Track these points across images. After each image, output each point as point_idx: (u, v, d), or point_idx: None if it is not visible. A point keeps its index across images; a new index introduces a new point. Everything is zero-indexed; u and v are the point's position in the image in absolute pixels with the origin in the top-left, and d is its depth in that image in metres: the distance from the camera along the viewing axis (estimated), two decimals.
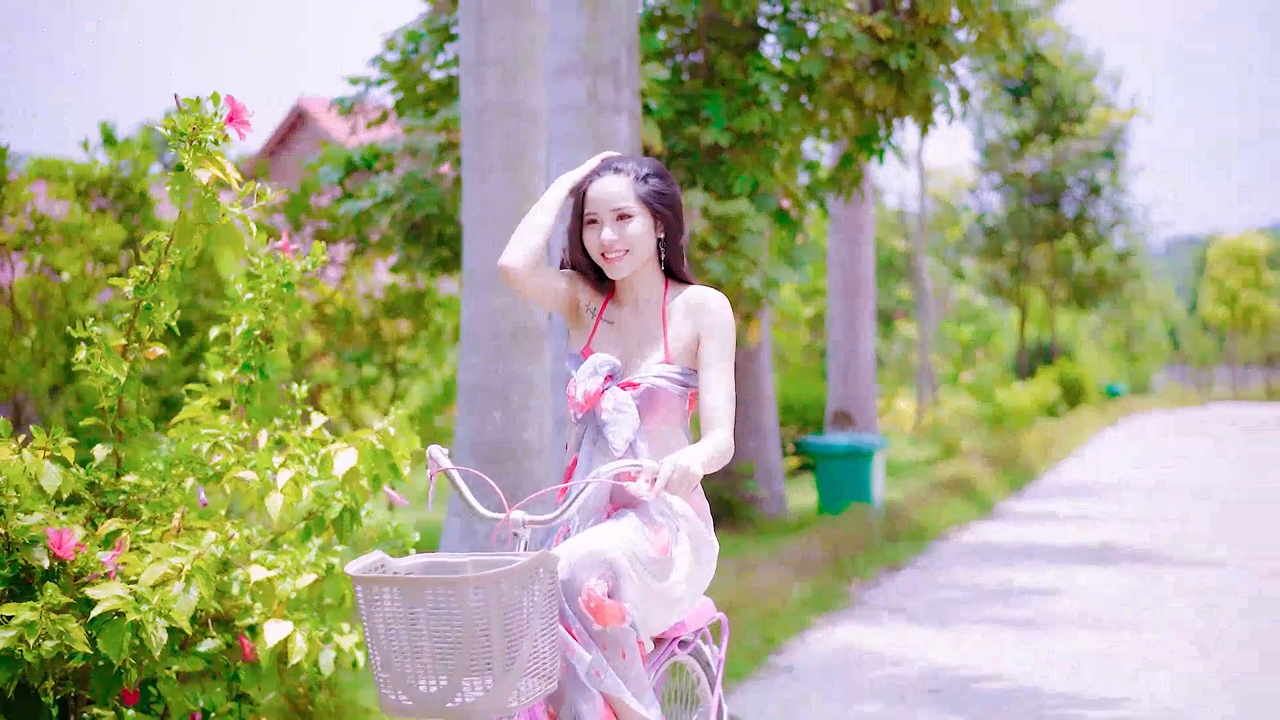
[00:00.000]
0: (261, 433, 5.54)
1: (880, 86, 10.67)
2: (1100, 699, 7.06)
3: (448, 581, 3.25)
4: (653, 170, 3.97)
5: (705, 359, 3.89)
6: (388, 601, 3.33)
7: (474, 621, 3.26)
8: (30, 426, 5.02)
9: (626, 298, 4.02)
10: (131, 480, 5.07)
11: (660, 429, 3.91)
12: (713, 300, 3.94)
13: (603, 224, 3.91)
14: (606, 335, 4.02)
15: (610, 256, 3.90)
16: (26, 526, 4.67)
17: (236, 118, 4.97)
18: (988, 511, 15.32)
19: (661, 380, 3.89)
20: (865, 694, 7.23)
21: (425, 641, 3.32)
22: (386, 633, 3.35)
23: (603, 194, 3.92)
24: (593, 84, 8.77)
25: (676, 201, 3.97)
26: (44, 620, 4.39)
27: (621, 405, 3.87)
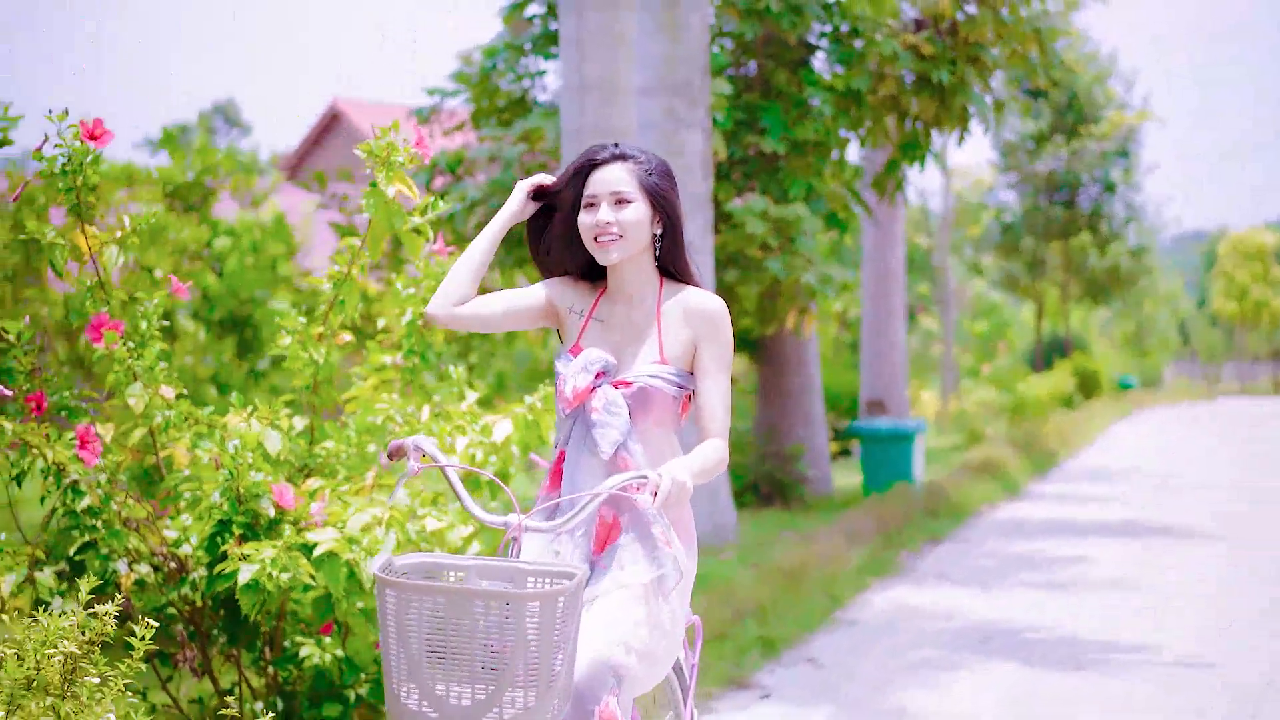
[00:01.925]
0: (424, 408, 6.51)
1: (923, 99, 11.66)
2: (1131, 645, 8.05)
3: (506, 595, 3.15)
4: (657, 165, 3.88)
5: (704, 367, 3.80)
6: (427, 609, 3.19)
7: (528, 635, 3.16)
8: (235, 397, 6.04)
9: (619, 295, 3.91)
10: (329, 446, 6.05)
11: (653, 430, 3.80)
12: (714, 307, 3.83)
13: (599, 206, 3.79)
14: (597, 333, 3.90)
15: (603, 240, 3.78)
16: (256, 482, 5.67)
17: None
18: (1016, 492, 16.33)
19: (656, 380, 3.77)
20: (922, 643, 8.21)
21: (469, 653, 3.20)
22: (420, 641, 3.21)
23: (605, 177, 3.80)
24: (670, 102, 9.77)
25: (676, 200, 3.88)
26: (281, 557, 5.38)
27: (613, 405, 3.75)
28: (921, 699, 6.90)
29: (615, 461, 3.75)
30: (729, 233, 11.61)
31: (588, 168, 3.85)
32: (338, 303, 6.07)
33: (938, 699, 6.91)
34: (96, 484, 5.70)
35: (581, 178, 3.85)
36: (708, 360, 3.80)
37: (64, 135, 5.77)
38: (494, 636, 3.18)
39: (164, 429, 5.88)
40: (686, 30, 9.79)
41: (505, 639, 3.18)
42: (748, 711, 6.76)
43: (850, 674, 7.46)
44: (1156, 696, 6.94)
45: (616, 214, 3.77)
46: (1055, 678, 7.33)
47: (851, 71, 11.76)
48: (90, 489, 5.70)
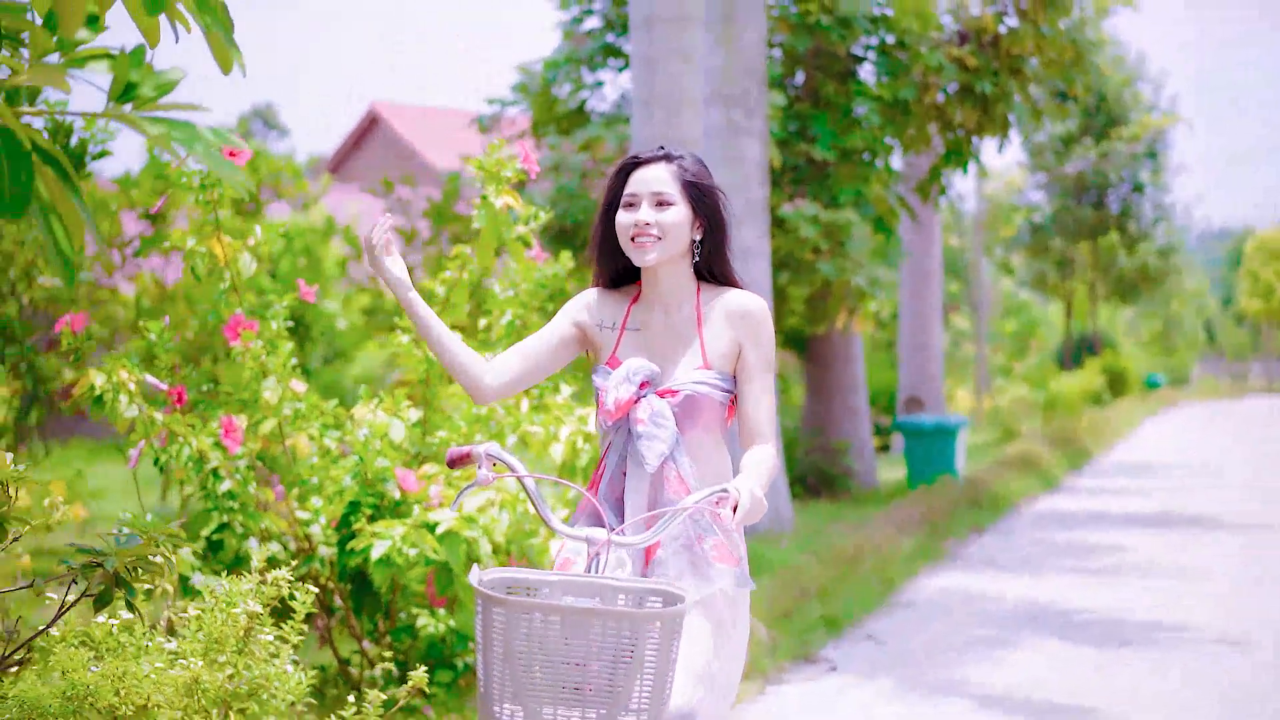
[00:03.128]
0: (523, 400, 7.10)
1: (966, 109, 12.22)
2: (1168, 624, 8.60)
3: (627, 614, 3.02)
4: (700, 168, 3.74)
5: (749, 370, 3.67)
6: (539, 628, 3.05)
7: (646, 658, 3.05)
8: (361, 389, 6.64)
9: (656, 301, 3.75)
10: (442, 435, 6.64)
11: (702, 439, 3.65)
12: (756, 308, 3.71)
13: (640, 206, 3.66)
14: (634, 343, 3.74)
15: (640, 240, 3.63)
16: (382, 468, 6.27)
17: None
18: (1053, 485, 16.89)
19: (702, 386, 3.62)
20: (974, 622, 8.77)
21: (579, 675, 3.06)
22: (529, 661, 3.07)
23: (647, 176, 3.68)
24: (728, 113, 10.34)
25: (719, 203, 3.72)
26: (410, 534, 5.97)
27: (659, 417, 3.59)
28: (974, 672, 7.46)
29: (661, 473, 3.60)
30: (781, 237, 12.19)
31: (630, 166, 3.73)
32: (449, 305, 6.67)
33: (989, 672, 7.46)
34: (235, 470, 6.31)
35: (623, 176, 3.73)
36: (753, 362, 3.67)
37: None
38: (608, 658, 3.04)
39: (293, 420, 6.48)
40: (743, 44, 10.36)
41: (620, 661, 3.03)
42: (817, 683, 7.31)
43: (908, 650, 8.02)
44: (1193, 671, 7.49)
45: (657, 215, 3.63)
46: (1098, 653, 7.88)
47: (898, 82, 12.32)
48: (230, 474, 6.31)
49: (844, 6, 12.11)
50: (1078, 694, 6.98)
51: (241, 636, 4.66)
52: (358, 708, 4.90)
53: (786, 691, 7.10)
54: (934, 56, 11.98)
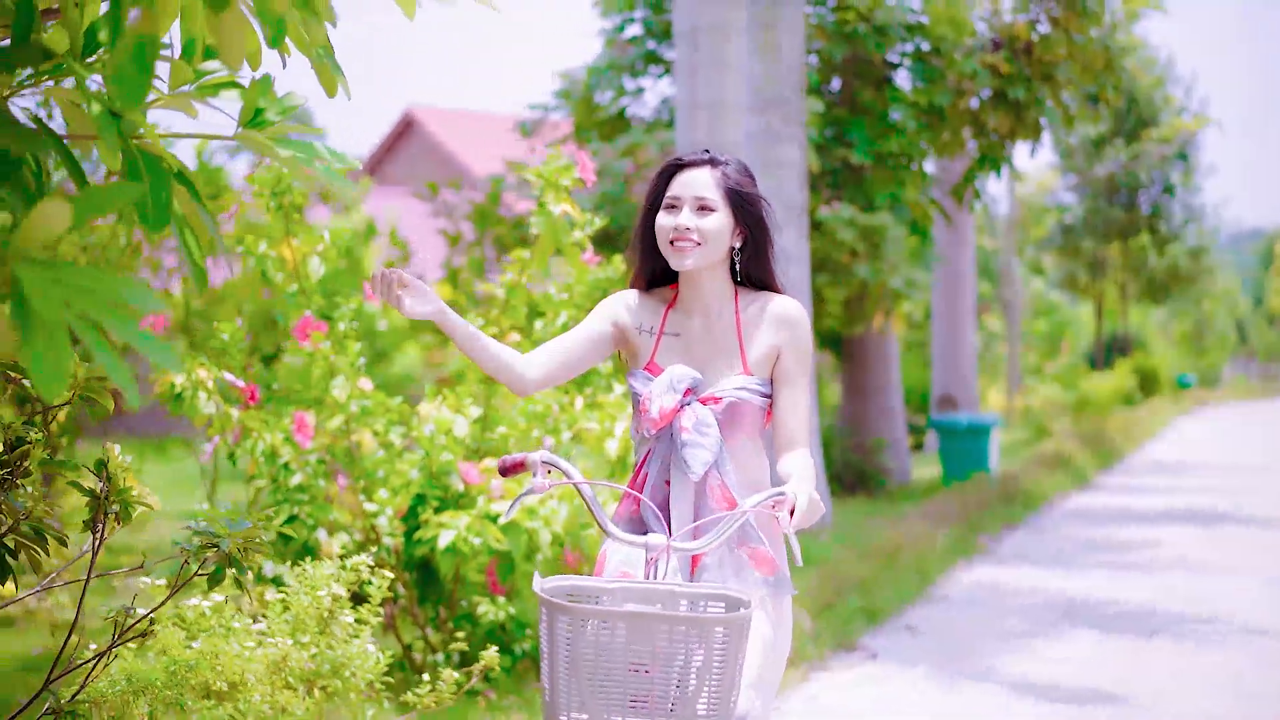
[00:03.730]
0: (578, 398, 7.41)
1: (1000, 114, 12.49)
2: (1200, 616, 8.87)
3: (692, 619, 2.99)
4: (745, 175, 3.70)
5: (787, 374, 3.65)
6: (605, 634, 3.02)
7: (714, 664, 3.01)
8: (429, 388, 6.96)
9: (694, 307, 3.71)
10: (502, 431, 6.95)
11: (744, 445, 3.64)
12: (796, 311, 3.69)
13: (681, 209, 3.62)
14: (672, 349, 3.70)
15: (680, 245, 3.59)
16: (446, 462, 6.59)
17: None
18: (1085, 483, 17.15)
19: (744, 393, 3.61)
20: (1010, 613, 9.05)
21: (647, 681, 3.03)
22: (595, 668, 3.03)
23: (691, 180, 3.63)
24: (768, 119, 10.63)
25: (761, 212, 3.67)
26: (475, 524, 6.29)
27: (703, 425, 3.56)
28: (1009, 661, 7.73)
29: (705, 481, 3.57)
30: (818, 239, 12.48)
31: (674, 168, 3.69)
32: (509, 307, 6.99)
33: (1023, 661, 7.74)
34: (306, 464, 6.64)
35: (666, 178, 3.69)
36: (791, 367, 3.66)
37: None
38: (675, 665, 3.02)
39: (359, 417, 6.81)
40: (782, 53, 10.65)
41: (689, 667, 3.01)
42: (857, 670, 7.60)
43: (945, 639, 8.31)
44: (1222, 660, 7.76)
45: (697, 220, 3.59)
46: (1131, 643, 8.16)
47: (933, 88, 12.60)
48: (300, 468, 6.64)
49: (881, 15, 12.39)
50: (1110, 682, 7.25)
51: (325, 618, 4.98)
52: (432, 686, 5.22)
53: (829, 678, 7.39)
54: (968, 63, 12.27)
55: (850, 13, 12.45)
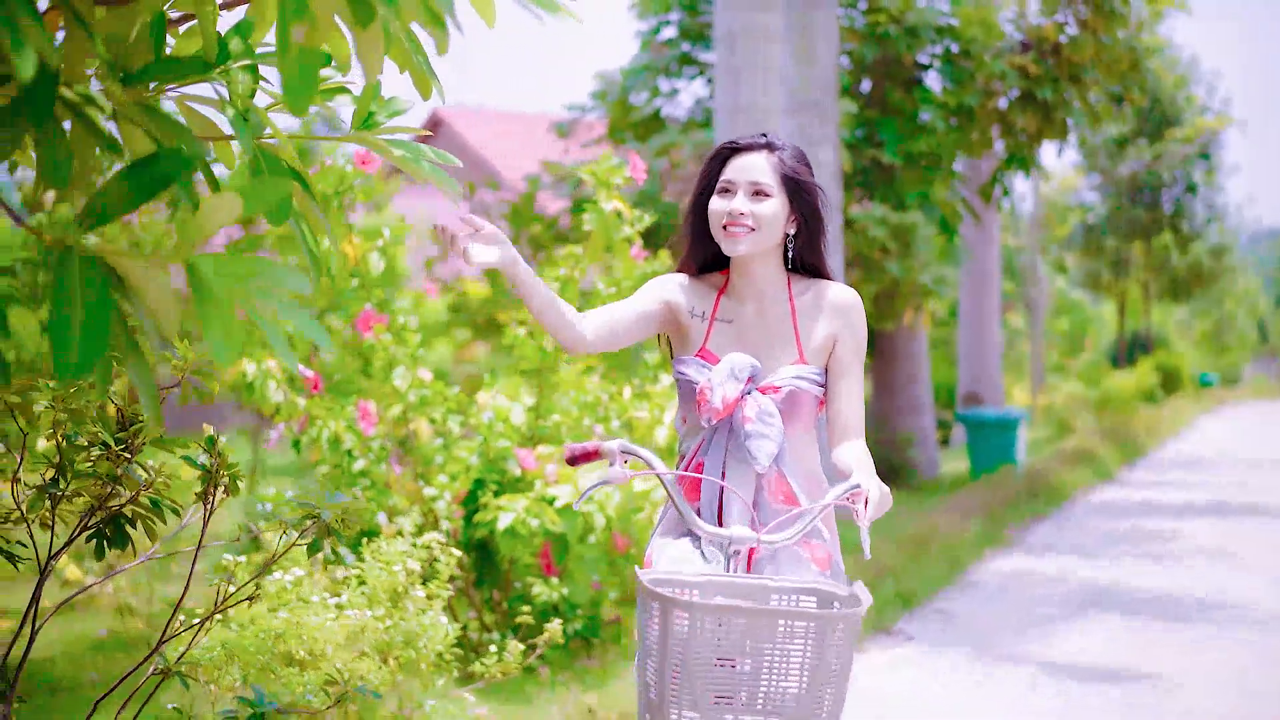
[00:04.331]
0: (625, 388, 7.71)
1: (1028, 115, 12.77)
2: (1225, 603, 9.14)
3: (814, 615, 2.91)
4: (801, 162, 3.61)
5: (843, 363, 3.60)
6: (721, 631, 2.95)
7: (832, 662, 2.94)
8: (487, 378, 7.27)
9: (747, 293, 3.64)
10: (555, 419, 7.26)
11: (801, 435, 3.57)
12: (852, 299, 3.64)
13: (735, 194, 3.55)
14: (725, 335, 3.63)
15: (733, 230, 3.52)
16: (503, 448, 6.89)
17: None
18: (1109, 477, 17.41)
19: (802, 382, 3.55)
20: (1037, 600, 9.33)
21: (763, 681, 2.96)
22: (709, 667, 2.96)
23: (746, 164, 3.56)
24: (803, 120, 10.92)
25: (816, 200, 3.59)
26: (533, 507, 6.59)
27: (767, 414, 3.48)
28: (1038, 644, 8.02)
29: (763, 473, 3.52)
30: (850, 237, 12.78)
31: (729, 152, 3.62)
32: None
33: (1052, 644, 8.02)
34: (368, 450, 6.96)
35: (720, 161, 3.63)
36: (848, 356, 3.60)
37: (337, 161, 7.07)
38: (795, 661, 2.94)
39: (418, 406, 7.12)
40: (817, 56, 10.95)
41: (806, 665, 2.93)
42: (893, 653, 7.89)
43: (976, 624, 8.59)
44: (1245, 644, 8.03)
45: (752, 205, 3.52)
46: (1157, 628, 8.43)
47: (962, 89, 12.89)
48: (363, 454, 6.95)
49: (911, 17, 12.68)
50: (1136, 664, 7.53)
51: (400, 592, 5.29)
52: (499, 656, 5.52)
53: (866, 660, 7.67)
54: (997, 65, 12.55)
55: (882, 15, 12.74)
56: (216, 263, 2.25)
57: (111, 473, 3.84)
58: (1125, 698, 6.85)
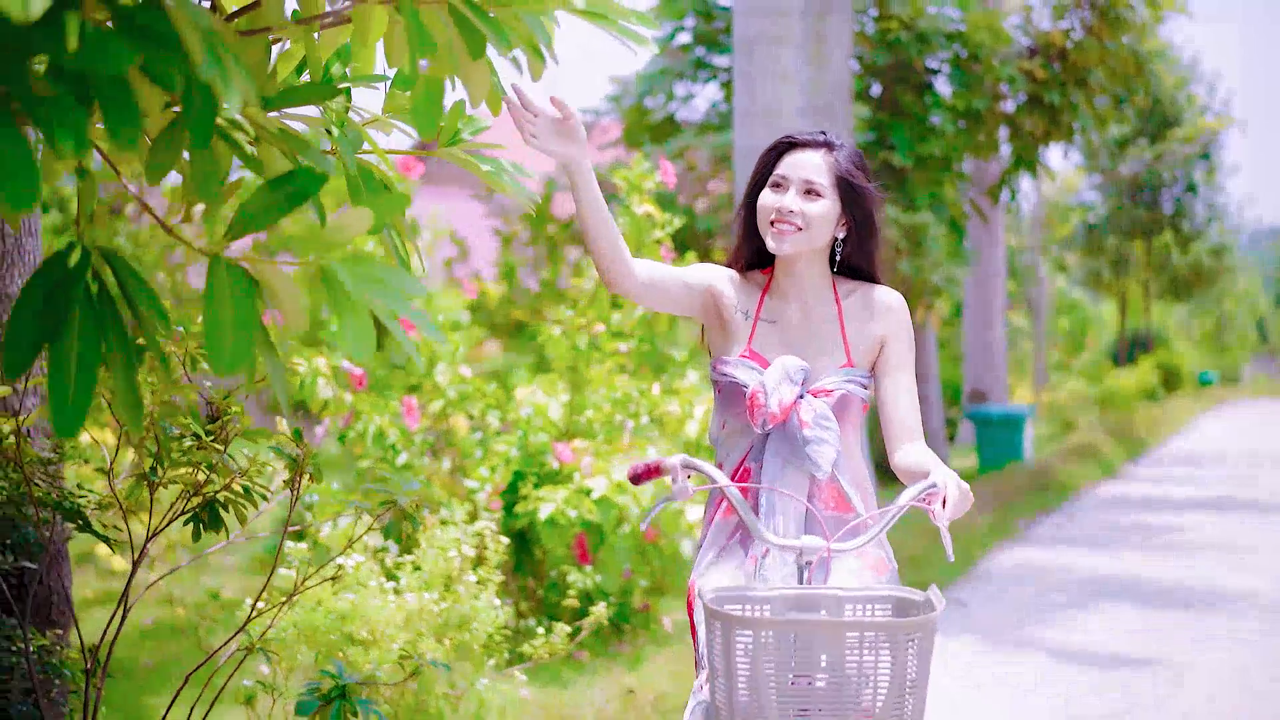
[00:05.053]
0: (654, 384, 8.01)
1: (1036, 118, 13.10)
2: (1230, 593, 9.46)
3: (885, 625, 2.85)
4: (858, 165, 3.51)
5: (894, 363, 3.51)
6: (788, 645, 2.88)
7: (909, 672, 2.88)
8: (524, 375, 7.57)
9: (792, 293, 3.54)
10: (589, 415, 7.57)
11: (850, 439, 3.48)
12: (898, 300, 3.56)
13: (787, 190, 3.44)
14: (770, 336, 3.53)
15: (780, 227, 3.42)
16: (541, 442, 7.20)
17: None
18: (1113, 473, 17.75)
19: (852, 385, 3.46)
20: (1050, 589, 9.64)
21: (837, 695, 2.89)
22: (780, 682, 2.88)
23: (801, 160, 3.45)
24: (817, 124, 11.22)
25: (870, 205, 3.49)
26: (572, 498, 6.90)
27: (824, 418, 3.37)
28: (1050, 631, 8.33)
29: (814, 479, 3.43)
30: None
31: (785, 147, 3.51)
32: (595, 299, 7.62)
33: (1063, 631, 8.33)
34: (411, 444, 7.26)
35: (776, 155, 3.52)
36: (898, 357, 3.53)
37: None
38: (871, 673, 2.86)
39: (458, 402, 7.43)
40: (831, 62, 11.24)
41: (884, 675, 2.86)
42: None
43: (990, 612, 8.90)
44: (1249, 630, 8.35)
45: (802, 204, 3.42)
46: (1165, 615, 8.75)
47: (971, 93, 13.21)
48: (406, 448, 7.26)
49: (922, 23, 13.00)
50: (1144, 650, 7.85)
51: (453, 577, 5.60)
52: (546, 638, 5.82)
53: None
54: (1005, 69, 12.87)
55: (893, 22, 13.06)
56: (349, 268, 2.53)
57: (208, 461, 4.15)
58: (1135, 683, 7.16)
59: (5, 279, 4.83)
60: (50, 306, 2.14)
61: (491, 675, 5.72)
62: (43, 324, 2.12)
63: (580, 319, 7.57)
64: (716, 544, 3.52)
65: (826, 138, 3.52)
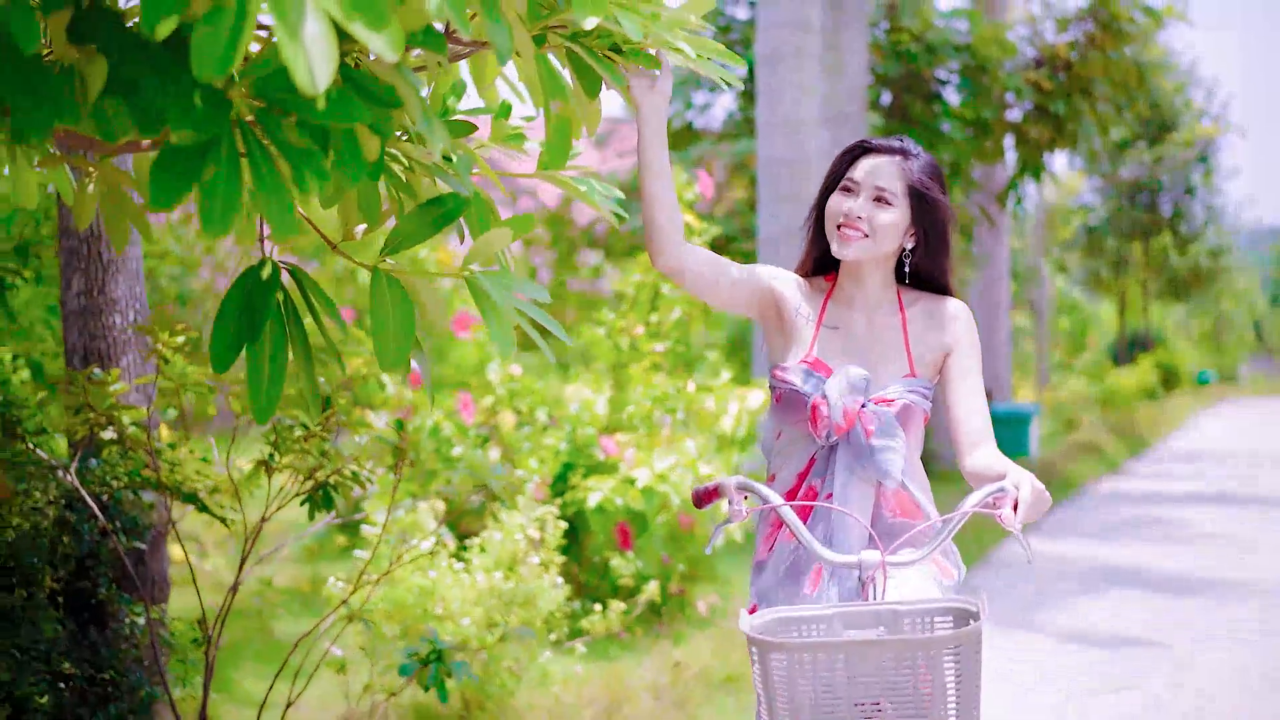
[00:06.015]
0: (689, 382, 8.52)
1: (1042, 126, 13.63)
2: (1232, 581, 9.97)
3: (921, 642, 2.77)
4: (932, 176, 3.45)
5: (961, 370, 3.45)
6: (824, 668, 2.80)
7: (948, 687, 2.82)
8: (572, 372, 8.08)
9: (856, 299, 3.49)
10: (630, 410, 8.07)
11: (912, 450, 3.43)
12: (962, 309, 3.50)
13: (857, 196, 3.39)
14: (832, 342, 3.47)
15: (847, 232, 3.37)
16: (588, 435, 7.70)
17: None
18: (1115, 469, 18.28)
19: (914, 395, 3.38)
20: (1059, 578, 10.15)
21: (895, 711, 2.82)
22: (818, 707, 2.82)
23: (874, 166, 3.40)
24: (835, 133, 11.73)
25: (941, 218, 3.44)
26: (619, 487, 7.40)
27: (890, 427, 3.31)
28: (1059, 615, 8.84)
29: (881, 489, 3.39)
30: None
31: (860, 150, 3.47)
32: (636, 302, 8.13)
33: (1071, 615, 8.84)
34: (465, 437, 7.77)
35: (850, 159, 3.48)
36: (965, 363, 3.46)
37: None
38: (908, 693, 2.79)
39: (508, 399, 7.94)
40: (847, 74, 11.77)
41: (921, 695, 2.79)
42: None
43: (1004, 598, 9.41)
44: (1250, 615, 8.87)
45: (871, 210, 3.38)
46: (1169, 601, 9.26)
47: (979, 103, 13.73)
48: (461, 441, 7.76)
49: (932, 35, 13.52)
50: (1147, 633, 8.36)
51: (520, 557, 6.10)
52: (603, 614, 6.31)
53: None
54: (1012, 80, 13.41)
55: (903, 34, 13.58)
56: (493, 278, 2.98)
57: (320, 448, 4.66)
58: (1143, 663, 7.68)
59: (110, 285, 5.34)
60: (248, 313, 2.53)
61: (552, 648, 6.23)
62: (241, 327, 2.51)
63: (621, 321, 8.06)
64: (780, 566, 3.42)
65: (903, 145, 3.46)
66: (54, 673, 4.61)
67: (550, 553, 6.12)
